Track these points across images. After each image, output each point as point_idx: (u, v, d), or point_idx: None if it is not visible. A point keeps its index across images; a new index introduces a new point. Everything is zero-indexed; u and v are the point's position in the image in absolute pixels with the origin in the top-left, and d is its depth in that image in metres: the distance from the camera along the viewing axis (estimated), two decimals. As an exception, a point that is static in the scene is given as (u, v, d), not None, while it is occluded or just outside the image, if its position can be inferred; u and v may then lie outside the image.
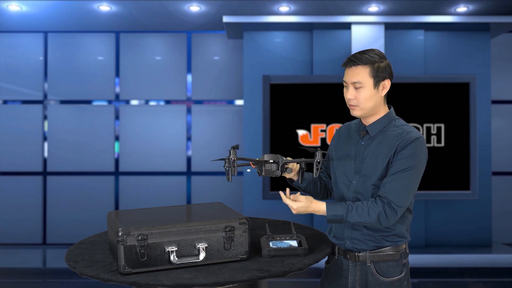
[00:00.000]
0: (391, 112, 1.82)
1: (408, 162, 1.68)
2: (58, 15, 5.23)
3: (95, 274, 1.47)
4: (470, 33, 5.29)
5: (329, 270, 1.90)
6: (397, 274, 1.76)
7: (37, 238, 5.80)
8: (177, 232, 1.53)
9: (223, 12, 5.04)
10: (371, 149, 1.77)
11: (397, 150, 1.70)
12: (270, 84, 5.01)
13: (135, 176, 5.84)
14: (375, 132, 1.78)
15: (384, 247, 1.75)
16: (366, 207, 1.67)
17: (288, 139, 5.03)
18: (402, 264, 1.77)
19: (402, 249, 1.78)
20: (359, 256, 1.76)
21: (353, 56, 1.72)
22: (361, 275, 1.77)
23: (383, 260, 1.75)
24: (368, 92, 1.71)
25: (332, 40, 5.26)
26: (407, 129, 1.75)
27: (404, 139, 1.70)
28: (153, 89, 5.89)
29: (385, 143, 1.74)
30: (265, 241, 1.70)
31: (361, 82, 1.71)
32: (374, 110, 1.77)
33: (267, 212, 5.02)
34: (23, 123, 5.84)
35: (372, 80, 1.71)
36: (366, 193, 1.75)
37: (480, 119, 5.17)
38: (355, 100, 1.73)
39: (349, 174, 1.80)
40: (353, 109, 1.76)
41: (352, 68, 1.72)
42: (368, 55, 1.70)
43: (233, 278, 1.43)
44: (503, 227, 5.71)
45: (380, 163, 1.73)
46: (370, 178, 1.74)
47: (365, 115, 1.77)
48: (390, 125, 1.78)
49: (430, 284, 4.30)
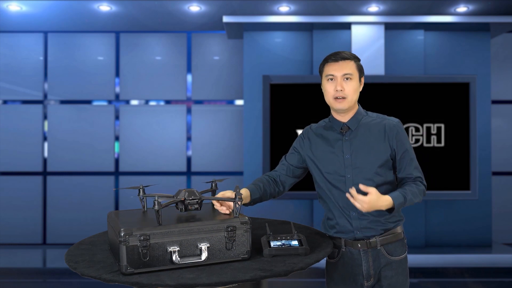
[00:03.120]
0: (360, 107, 1.97)
1: (406, 143, 1.90)
2: (58, 15, 5.23)
3: (97, 274, 1.46)
4: (470, 33, 5.30)
5: (337, 264, 1.94)
6: (403, 253, 1.93)
7: (37, 238, 5.80)
8: (179, 232, 1.53)
9: (223, 12, 5.04)
10: (359, 142, 1.88)
11: (391, 137, 1.87)
12: (270, 84, 5.01)
13: (135, 176, 5.84)
14: (355, 126, 1.91)
15: (390, 229, 1.89)
16: (415, 189, 1.83)
17: (288, 139, 5.03)
18: (405, 244, 1.96)
19: (402, 229, 1.95)
20: (370, 242, 1.87)
21: (338, 52, 1.88)
22: (374, 259, 1.88)
23: (391, 241, 1.90)
24: (355, 84, 1.87)
25: (332, 40, 5.26)
26: (384, 117, 1.93)
27: (391, 125, 1.89)
28: (153, 89, 5.89)
29: (372, 133, 1.88)
30: (266, 240, 1.70)
31: (352, 74, 1.86)
32: (355, 104, 1.91)
33: (266, 212, 5.01)
34: (23, 123, 5.84)
35: (358, 74, 1.89)
36: (364, 183, 1.80)
37: (480, 119, 5.17)
38: (344, 92, 1.85)
39: (339, 170, 1.88)
40: (340, 102, 1.87)
41: (341, 62, 1.86)
42: (350, 53, 1.89)
43: (236, 278, 1.43)
44: (503, 227, 5.71)
45: (375, 152, 1.86)
46: (365, 169, 1.85)
47: (349, 108, 1.89)
48: (364, 117, 1.94)
49: (430, 284, 4.31)
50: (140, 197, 1.77)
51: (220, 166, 5.88)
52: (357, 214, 1.86)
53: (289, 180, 2.04)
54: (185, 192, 1.65)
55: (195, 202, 1.65)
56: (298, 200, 5.39)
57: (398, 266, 1.90)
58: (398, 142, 1.87)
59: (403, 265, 1.92)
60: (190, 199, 1.64)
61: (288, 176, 2.04)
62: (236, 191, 1.67)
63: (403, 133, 1.90)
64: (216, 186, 1.91)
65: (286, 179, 2.04)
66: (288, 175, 2.04)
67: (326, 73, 1.89)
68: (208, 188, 1.90)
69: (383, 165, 1.86)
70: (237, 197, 1.65)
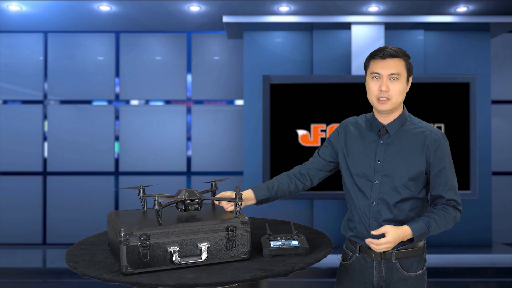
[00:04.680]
0: (406, 110, 1.82)
1: (446, 160, 1.73)
2: (58, 15, 5.23)
3: (97, 274, 1.46)
4: (470, 33, 5.30)
5: (348, 268, 1.88)
6: (420, 269, 1.80)
7: (37, 238, 5.79)
8: (179, 232, 1.53)
9: (223, 12, 5.04)
10: (394, 148, 1.76)
11: (430, 151, 1.72)
12: (270, 84, 5.01)
13: (135, 176, 5.84)
14: (394, 131, 1.77)
15: (409, 243, 1.76)
16: (442, 216, 1.70)
17: (288, 139, 5.04)
18: (424, 259, 1.82)
19: (423, 244, 1.81)
20: (385, 254, 1.77)
21: (389, 48, 1.71)
22: (386, 272, 1.78)
23: (408, 256, 1.78)
24: (402, 85, 1.72)
25: (332, 40, 5.26)
26: (428, 127, 1.78)
27: (433, 139, 1.73)
28: (153, 89, 5.89)
29: (410, 142, 1.75)
30: (266, 240, 1.70)
31: (399, 74, 1.70)
32: (399, 106, 1.77)
33: (266, 212, 5.02)
34: (23, 123, 5.84)
35: (406, 73, 1.73)
36: (390, 193, 1.74)
37: (480, 119, 5.17)
38: (389, 93, 1.71)
39: (368, 173, 1.78)
40: (383, 103, 1.72)
41: (389, 60, 1.70)
42: (401, 49, 1.72)
43: (236, 278, 1.43)
44: (503, 227, 5.71)
45: (408, 164, 1.73)
46: (394, 178, 1.74)
47: (392, 110, 1.75)
48: (407, 123, 1.79)
49: (430, 284, 4.30)
50: (140, 197, 1.77)
51: (220, 166, 5.88)
52: (377, 224, 1.75)
53: (320, 174, 1.95)
54: (185, 192, 1.65)
55: (195, 202, 1.65)
56: (298, 200, 5.38)
57: (413, 283, 1.78)
58: (436, 157, 1.72)
59: (419, 282, 1.80)
60: (190, 199, 1.64)
61: (319, 170, 1.95)
62: (236, 191, 1.67)
63: (445, 149, 1.73)
64: (216, 186, 1.91)
65: (317, 173, 1.95)
66: (319, 169, 1.94)
67: (371, 70, 1.74)
68: (208, 188, 1.90)
69: (414, 179, 1.73)
70: (237, 197, 1.65)
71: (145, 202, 1.78)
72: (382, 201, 1.75)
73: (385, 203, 1.75)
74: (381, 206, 1.76)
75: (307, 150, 4.96)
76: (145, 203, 1.78)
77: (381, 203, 1.75)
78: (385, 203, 1.75)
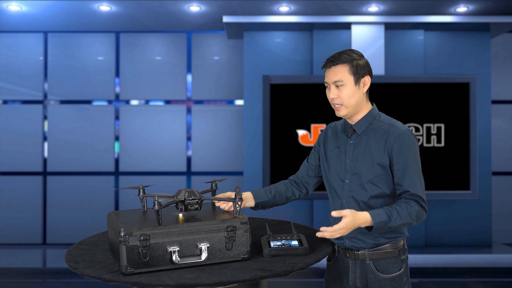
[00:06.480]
0: (374, 108, 1.84)
1: (408, 155, 1.72)
2: (58, 15, 5.23)
3: (97, 274, 1.46)
4: (470, 33, 5.30)
5: (331, 268, 1.92)
6: (397, 270, 1.78)
7: (37, 238, 5.79)
8: (179, 232, 1.53)
9: (223, 12, 5.04)
10: (361, 147, 1.79)
11: (391, 146, 1.72)
12: (270, 84, 5.01)
13: (135, 176, 5.84)
14: (362, 130, 1.81)
15: (383, 245, 1.77)
16: (404, 208, 1.66)
17: (288, 139, 5.04)
18: (401, 260, 1.79)
19: (400, 246, 1.80)
20: (358, 254, 1.78)
21: (332, 56, 1.77)
22: (361, 272, 1.79)
23: (382, 258, 1.77)
24: (349, 89, 1.75)
25: (332, 40, 5.26)
26: (393, 123, 1.78)
27: (395, 134, 1.73)
28: (153, 89, 5.89)
29: (374, 140, 1.77)
30: (266, 240, 1.70)
31: (342, 80, 1.74)
32: (358, 108, 1.79)
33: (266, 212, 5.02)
34: (23, 123, 5.84)
35: (352, 77, 1.75)
36: (359, 191, 1.77)
37: (480, 119, 5.17)
38: (339, 99, 1.77)
39: (340, 173, 1.82)
40: (338, 109, 1.80)
41: (332, 68, 1.76)
42: (346, 54, 1.75)
43: (236, 278, 1.43)
44: (503, 227, 5.71)
45: (372, 161, 1.75)
46: (362, 176, 1.76)
47: (350, 114, 1.80)
48: (375, 121, 1.81)
49: (430, 284, 4.30)
50: (140, 197, 1.77)
51: (220, 166, 5.88)
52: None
53: (313, 180, 2.01)
54: (185, 192, 1.65)
55: (195, 202, 1.65)
56: (298, 200, 5.38)
57: (389, 284, 1.76)
58: (398, 153, 1.71)
59: (397, 284, 1.77)
60: (190, 199, 1.64)
61: (310, 176, 2.00)
62: (236, 191, 1.67)
63: (408, 144, 1.72)
64: (216, 186, 1.91)
65: (309, 179, 2.00)
66: (310, 175, 2.00)
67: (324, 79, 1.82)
68: (208, 188, 1.90)
69: (380, 176, 1.74)
70: (237, 197, 1.65)
71: (145, 202, 1.78)
72: (353, 199, 1.79)
73: (355, 201, 1.78)
74: (351, 204, 1.78)
75: (307, 150, 4.95)
76: (145, 203, 1.78)
77: (352, 201, 1.79)
78: (355, 201, 1.78)
